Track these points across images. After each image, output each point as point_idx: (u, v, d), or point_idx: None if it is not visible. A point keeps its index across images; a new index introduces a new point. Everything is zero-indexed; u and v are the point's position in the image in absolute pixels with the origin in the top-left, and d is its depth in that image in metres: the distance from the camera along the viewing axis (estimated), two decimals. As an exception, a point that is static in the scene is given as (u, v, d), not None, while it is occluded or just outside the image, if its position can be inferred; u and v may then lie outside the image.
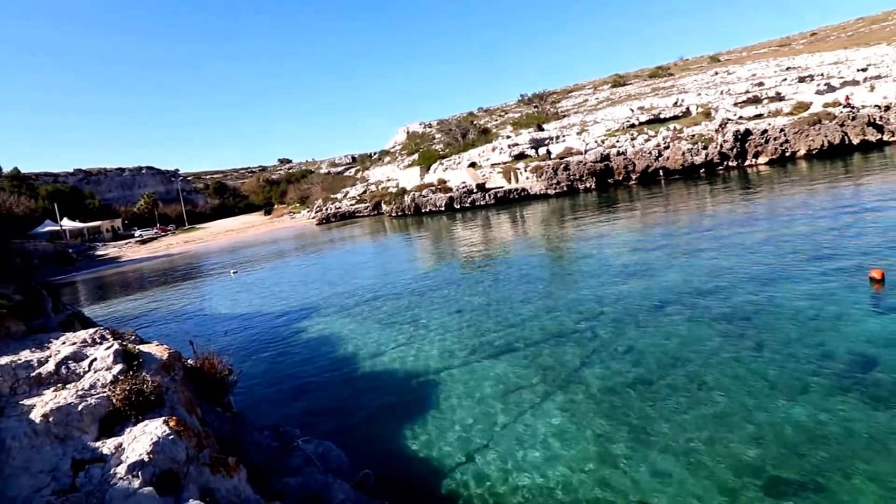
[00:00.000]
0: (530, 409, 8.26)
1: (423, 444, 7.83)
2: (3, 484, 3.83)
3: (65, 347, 5.30)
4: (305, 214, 73.64)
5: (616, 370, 9.08)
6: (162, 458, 4.01)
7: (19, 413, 4.35)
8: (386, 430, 8.44)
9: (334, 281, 23.05)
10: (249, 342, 14.92)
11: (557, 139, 52.16)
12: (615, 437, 7.10)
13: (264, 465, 5.70)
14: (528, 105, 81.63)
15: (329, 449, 6.34)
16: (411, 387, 10.07)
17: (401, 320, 14.58)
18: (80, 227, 79.00)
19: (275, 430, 6.60)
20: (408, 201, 49.94)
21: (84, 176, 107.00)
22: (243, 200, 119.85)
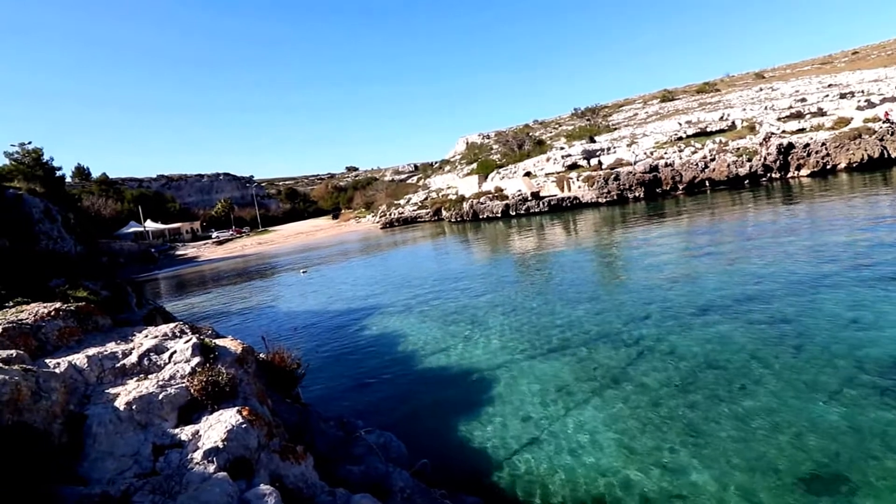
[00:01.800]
0: (580, 405, 8.55)
1: (478, 437, 8.11)
2: (89, 466, 4.14)
3: (147, 340, 5.67)
4: (370, 219, 76.86)
5: (662, 370, 9.35)
6: (235, 446, 4.20)
7: (105, 401, 4.69)
8: (443, 423, 8.72)
9: (396, 281, 23.71)
10: (316, 337, 15.49)
11: (608, 150, 54.03)
12: (661, 434, 7.26)
13: (329, 454, 5.87)
14: (581, 118, 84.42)
15: (390, 439, 6.50)
16: (467, 382, 10.41)
17: (458, 319, 15.03)
18: (162, 228, 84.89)
19: (339, 420, 6.79)
20: (466, 208, 52.13)
21: (166, 181, 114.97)
22: (313, 205, 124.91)
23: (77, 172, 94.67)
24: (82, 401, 4.61)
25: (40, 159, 41.61)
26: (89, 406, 4.53)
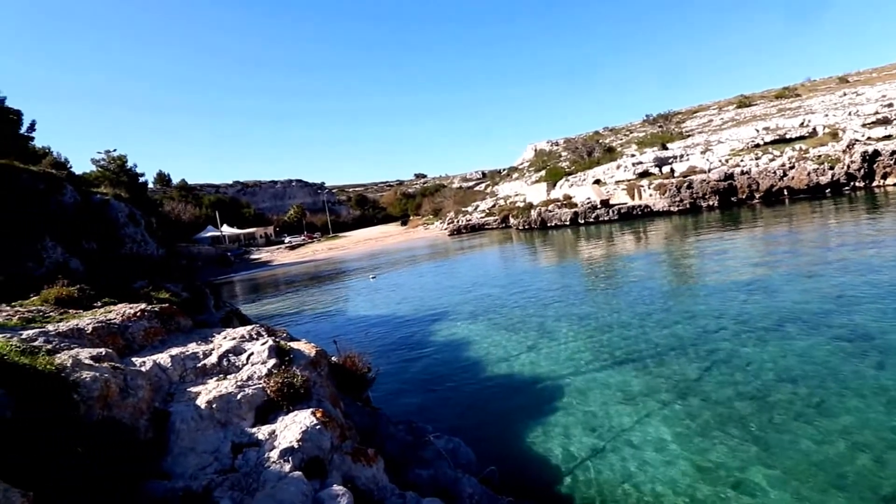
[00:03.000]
0: (650, 416, 8.48)
1: (544, 446, 8.08)
2: (172, 461, 4.37)
3: (226, 342, 5.94)
4: (438, 226, 78.12)
5: (735, 383, 9.12)
6: (309, 446, 4.30)
7: (187, 399, 4.94)
8: (509, 431, 8.71)
9: (464, 288, 23.81)
10: (385, 342, 15.79)
11: (681, 158, 53.03)
12: (733, 451, 7.07)
13: (398, 457, 5.92)
14: (653, 125, 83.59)
15: (458, 445, 6.49)
16: (535, 390, 10.40)
17: (526, 327, 15.01)
18: (238, 232, 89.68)
19: (408, 424, 6.85)
20: (534, 215, 52.08)
21: (242, 188, 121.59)
22: (382, 212, 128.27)
23: (158, 178, 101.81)
24: (166, 398, 4.88)
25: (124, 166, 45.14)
26: (173, 404, 4.79)
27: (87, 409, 4.11)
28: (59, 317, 5.91)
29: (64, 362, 4.31)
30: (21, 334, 4.75)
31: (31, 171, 13.36)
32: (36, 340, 4.66)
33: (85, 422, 4.06)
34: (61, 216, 12.67)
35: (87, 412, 4.11)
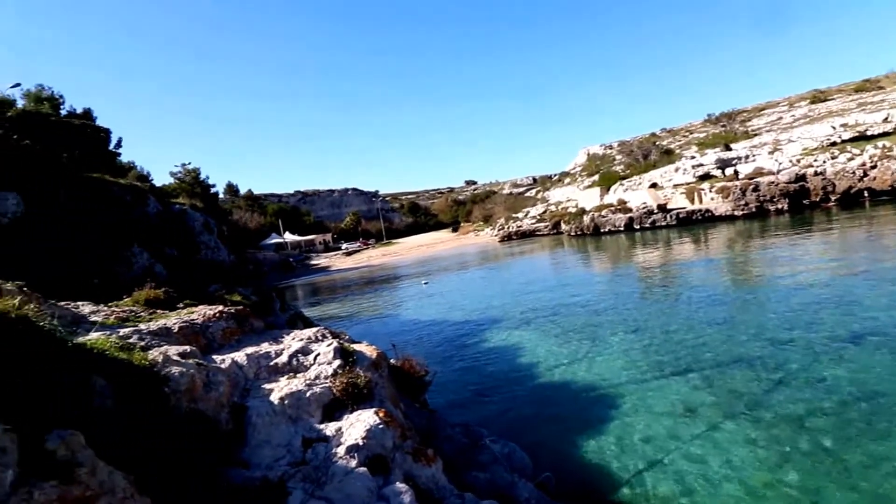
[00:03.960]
0: (710, 430, 8.17)
1: (601, 454, 7.95)
2: (249, 452, 4.63)
3: (295, 342, 6.23)
4: (489, 232, 77.87)
5: (805, 400, 8.60)
6: (373, 444, 4.47)
7: (261, 395, 5.22)
8: (564, 438, 8.62)
9: (515, 294, 23.70)
10: (438, 346, 15.97)
11: (746, 159, 49.93)
12: (801, 467, 6.77)
13: (455, 459, 6.02)
14: (715, 124, 79.00)
15: (514, 450, 6.52)
16: (588, 399, 10.23)
17: (579, 336, 14.74)
18: (299, 239, 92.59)
19: (465, 427, 6.94)
20: (587, 221, 50.76)
21: (302, 196, 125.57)
22: (433, 219, 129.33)
23: (228, 189, 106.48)
24: (243, 394, 5.17)
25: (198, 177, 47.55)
26: (249, 399, 5.07)
27: (176, 401, 4.42)
28: (149, 316, 6.35)
29: (156, 358, 4.66)
30: (118, 332, 5.15)
31: (119, 184, 14.38)
32: (131, 338, 5.05)
33: (174, 413, 4.38)
34: (146, 225, 13.55)
35: (176, 404, 4.42)
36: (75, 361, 4.05)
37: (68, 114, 18.80)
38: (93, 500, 3.10)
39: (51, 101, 18.29)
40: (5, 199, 8.08)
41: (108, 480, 3.24)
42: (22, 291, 5.06)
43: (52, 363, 3.83)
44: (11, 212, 8.08)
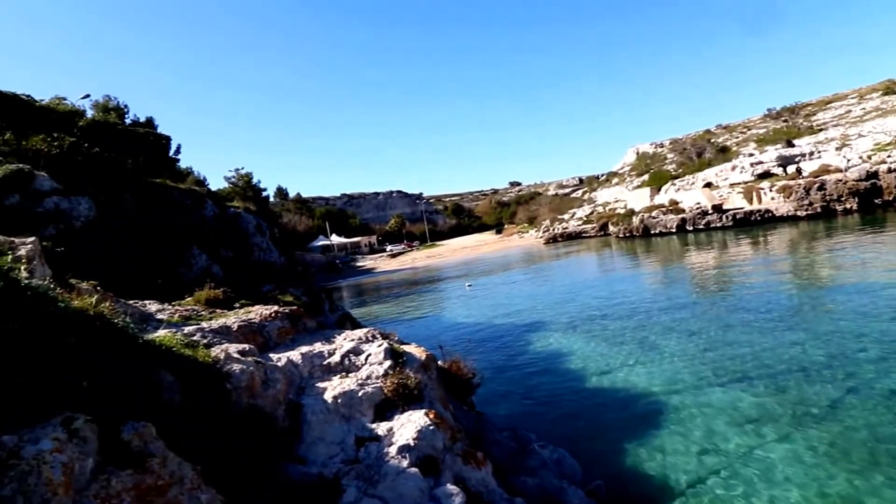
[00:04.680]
0: (769, 443, 7.82)
1: (653, 464, 7.72)
2: (305, 448, 4.76)
3: (346, 343, 6.37)
4: (533, 234, 77.23)
5: (878, 413, 8.04)
6: (424, 445, 4.52)
7: (315, 393, 5.36)
8: (614, 446, 8.41)
9: (561, 298, 23.39)
10: (483, 349, 15.94)
11: (811, 155, 47.33)
12: (872, 488, 6.30)
13: (504, 463, 6.01)
14: (776, 119, 75.35)
15: (563, 456, 6.45)
16: (640, 406, 9.97)
17: (628, 340, 14.42)
18: (345, 241, 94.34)
19: (513, 431, 6.91)
20: (636, 222, 49.45)
21: (348, 199, 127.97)
22: (477, 220, 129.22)
23: (277, 192, 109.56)
24: (298, 392, 5.33)
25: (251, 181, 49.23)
26: (304, 396, 5.23)
27: (237, 396, 4.61)
28: (209, 315, 6.62)
29: (218, 355, 4.86)
30: (183, 329, 5.40)
31: (179, 189, 15.06)
32: (195, 336, 5.28)
33: (235, 408, 4.56)
34: (204, 227, 14.13)
35: (237, 400, 4.61)
36: (146, 357, 4.28)
37: (132, 122, 19.87)
38: (164, 490, 3.27)
39: (117, 111, 19.36)
40: (78, 204, 8.61)
41: (178, 471, 3.42)
42: (96, 290, 5.38)
43: (125, 358, 4.07)
44: (84, 216, 8.59)
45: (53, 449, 2.83)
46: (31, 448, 2.79)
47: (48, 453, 2.80)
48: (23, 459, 2.73)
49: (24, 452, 2.76)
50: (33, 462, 2.73)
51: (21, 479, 2.65)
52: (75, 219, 8.45)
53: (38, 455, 2.77)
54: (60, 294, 3.74)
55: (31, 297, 3.23)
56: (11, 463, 2.70)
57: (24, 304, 3.12)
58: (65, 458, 2.85)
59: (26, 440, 2.86)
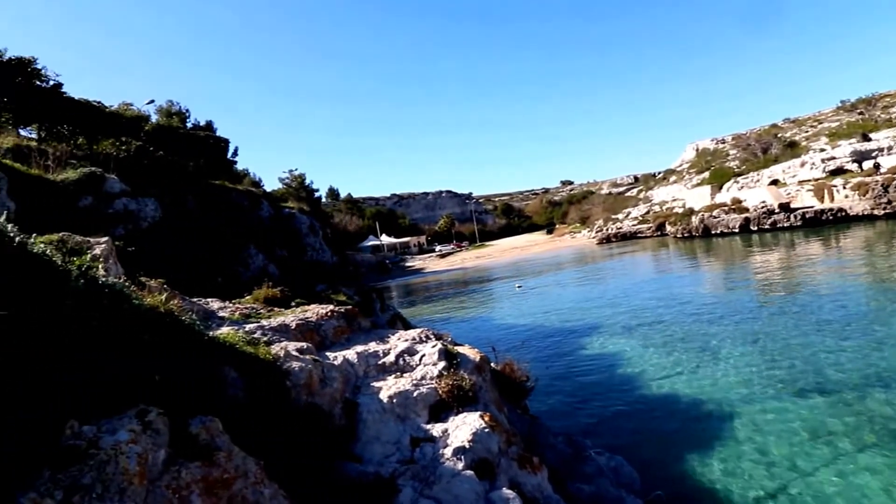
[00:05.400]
0: (843, 458, 7.39)
1: (714, 476, 7.44)
2: (361, 447, 4.84)
3: (400, 343, 6.43)
4: (586, 234, 75.77)
5: None
6: (479, 448, 4.51)
7: (371, 392, 5.43)
8: (672, 455, 8.14)
9: (615, 300, 22.81)
10: (534, 352, 15.77)
11: (890, 150, 44.03)
12: None
13: (559, 468, 5.91)
14: (850, 112, 70.23)
15: (621, 464, 6.30)
16: (699, 415, 9.62)
17: (687, 346, 13.93)
18: (394, 242, 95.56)
19: (567, 437, 6.81)
20: (695, 222, 47.70)
21: (398, 199, 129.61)
22: (527, 220, 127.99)
23: (329, 193, 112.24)
24: (354, 391, 5.43)
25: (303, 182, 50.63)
26: (359, 395, 5.31)
27: (296, 394, 4.73)
28: (268, 313, 6.84)
29: (277, 353, 5.01)
30: (244, 327, 5.60)
31: (237, 190, 15.65)
32: (255, 333, 5.47)
33: (294, 405, 4.68)
34: (260, 228, 14.62)
35: (296, 397, 4.73)
36: (210, 353, 4.46)
37: (193, 126, 20.83)
38: (230, 483, 3.40)
39: (179, 115, 20.34)
40: (145, 205, 9.08)
41: (243, 465, 3.54)
42: (163, 288, 5.65)
43: (191, 354, 4.25)
44: (150, 216, 9.06)
45: (129, 440, 2.99)
46: (108, 438, 2.96)
47: (124, 444, 2.96)
48: (101, 449, 2.90)
49: (102, 442, 2.93)
50: (111, 452, 2.89)
51: (100, 468, 2.81)
52: (142, 219, 8.92)
53: (116, 445, 2.93)
54: (134, 292, 3.95)
55: (108, 295, 3.42)
56: (91, 452, 2.87)
57: (102, 301, 3.31)
58: (139, 449, 3.00)
59: (104, 430, 3.03)
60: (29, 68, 11.66)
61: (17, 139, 9.93)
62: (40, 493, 2.60)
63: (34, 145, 9.29)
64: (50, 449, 2.79)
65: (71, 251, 4.04)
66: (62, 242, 4.30)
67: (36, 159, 8.22)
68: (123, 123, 13.46)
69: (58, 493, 2.65)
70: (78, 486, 2.72)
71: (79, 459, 2.80)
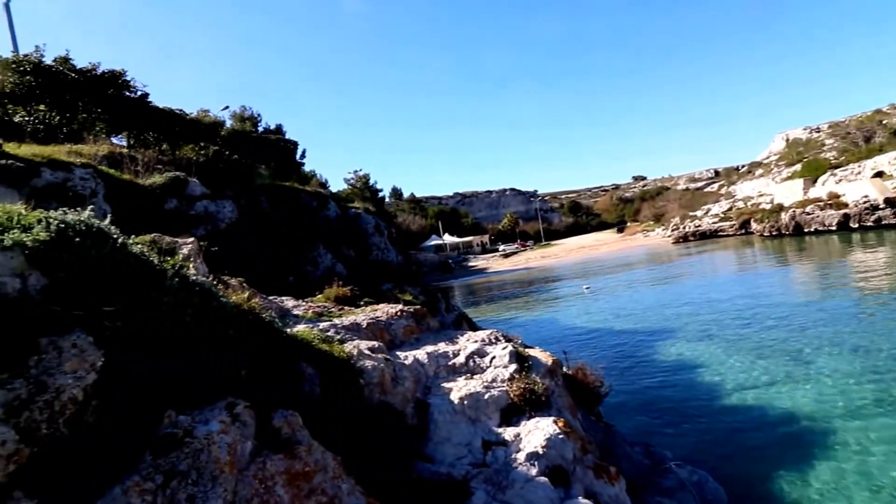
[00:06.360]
0: None
1: (812, 498, 7.02)
2: (432, 448, 4.94)
3: (470, 344, 6.50)
4: (660, 232, 73.21)
5: None
6: (553, 454, 4.49)
7: (441, 393, 5.53)
8: (762, 472, 7.74)
9: (693, 304, 21.84)
10: (605, 356, 15.40)
11: None
12: None
13: (636, 480, 5.77)
14: None
15: (705, 479, 6.07)
16: (793, 430, 9.10)
17: (776, 354, 13.17)
18: (457, 241, 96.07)
19: (645, 447, 6.65)
20: (785, 219, 44.86)
21: (460, 198, 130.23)
22: (595, 218, 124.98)
23: (392, 193, 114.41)
24: (425, 391, 5.54)
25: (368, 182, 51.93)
26: (430, 396, 5.42)
27: (369, 392, 4.90)
28: (339, 312, 7.10)
29: (351, 351, 5.20)
30: (318, 325, 5.84)
31: (306, 191, 16.27)
32: (329, 331, 5.69)
33: (367, 403, 4.85)
34: (327, 228, 15.14)
35: (369, 395, 4.90)
36: (289, 350, 4.70)
37: (264, 130, 21.87)
38: (310, 476, 3.58)
39: (251, 120, 21.44)
40: (223, 207, 9.65)
41: (322, 459, 3.71)
42: (243, 286, 5.99)
43: (271, 350, 4.50)
44: (228, 217, 9.62)
45: (220, 430, 3.22)
46: (202, 428, 3.20)
47: (216, 434, 3.19)
48: (195, 438, 3.14)
49: (196, 432, 3.17)
50: (204, 441, 3.13)
51: (195, 456, 3.05)
52: (220, 220, 9.48)
53: (208, 435, 3.16)
54: (220, 290, 4.23)
55: (198, 293, 3.68)
56: (186, 441, 3.11)
57: (193, 299, 3.57)
58: (229, 440, 3.23)
59: (197, 421, 3.28)
60: (119, 80, 12.79)
61: (111, 147, 10.87)
62: (143, 476, 2.85)
63: (125, 152, 10.15)
64: (151, 435, 3.06)
65: (162, 251, 4.37)
66: (154, 243, 4.66)
67: (127, 165, 8.98)
68: (202, 129, 14.36)
69: (158, 478, 2.89)
70: (175, 472, 2.96)
71: (176, 447, 3.04)
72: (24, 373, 2.51)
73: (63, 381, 2.65)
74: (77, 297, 2.84)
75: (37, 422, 2.53)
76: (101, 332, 2.89)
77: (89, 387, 2.79)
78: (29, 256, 2.71)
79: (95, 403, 2.86)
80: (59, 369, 2.65)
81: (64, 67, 12.23)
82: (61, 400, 2.63)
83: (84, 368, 2.77)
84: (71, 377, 2.69)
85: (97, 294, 2.94)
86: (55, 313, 2.72)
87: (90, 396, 2.80)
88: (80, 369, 2.75)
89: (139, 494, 2.77)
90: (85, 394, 2.76)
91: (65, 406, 2.65)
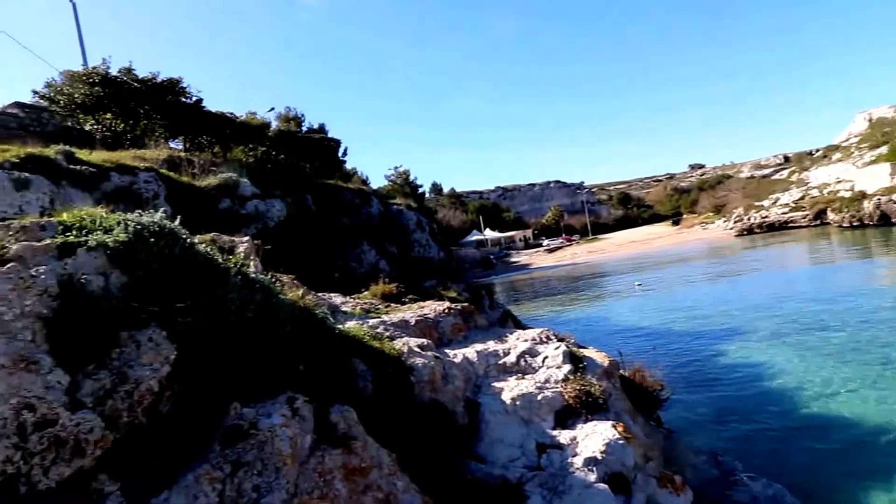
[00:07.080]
0: None
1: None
2: (484, 448, 5.05)
3: (520, 343, 6.57)
4: (720, 225, 69.90)
5: None
6: (612, 460, 4.52)
7: (492, 393, 5.63)
8: (848, 489, 7.31)
9: (761, 302, 20.90)
10: (664, 358, 15.02)
11: None
12: None
13: (703, 491, 5.71)
14: None
15: (781, 493, 5.93)
16: (882, 442, 8.57)
17: (861, 357, 12.47)
18: (499, 236, 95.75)
19: (713, 456, 6.56)
20: (869, 208, 42.18)
21: (502, 192, 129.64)
22: (647, 210, 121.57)
23: (433, 188, 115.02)
24: (475, 390, 5.65)
25: (408, 179, 52.48)
26: (480, 395, 5.53)
27: (420, 390, 5.04)
28: (385, 309, 7.29)
29: (401, 348, 5.35)
30: (368, 322, 6.03)
31: (349, 189, 16.64)
32: (378, 328, 5.87)
33: (418, 400, 4.99)
34: (370, 224, 15.45)
35: (420, 393, 5.04)
36: (341, 346, 4.88)
37: (308, 129, 22.46)
38: (366, 472, 3.74)
39: (295, 121, 22.09)
40: (273, 206, 10.04)
41: (377, 455, 3.87)
42: (294, 283, 6.23)
43: (325, 346, 4.70)
44: (277, 216, 10.00)
45: (282, 423, 3.41)
46: (265, 421, 3.40)
47: (278, 427, 3.38)
48: (260, 430, 3.34)
49: (260, 424, 3.37)
50: (268, 434, 3.32)
51: (260, 448, 3.25)
52: (270, 219, 9.86)
53: (271, 428, 3.35)
54: (278, 286, 4.44)
55: (259, 290, 3.89)
56: (251, 433, 3.31)
57: (255, 295, 3.78)
58: (291, 433, 3.41)
59: (261, 413, 3.48)
60: (176, 87, 13.79)
61: (170, 151, 11.69)
62: (213, 464, 3.07)
63: (182, 155, 10.86)
64: (218, 426, 3.28)
65: (221, 249, 4.62)
66: (213, 241, 4.92)
67: (184, 168, 9.65)
68: (250, 131, 14.99)
69: (226, 467, 3.11)
70: (242, 462, 3.17)
71: (242, 438, 3.25)
72: (108, 364, 2.74)
73: (141, 372, 2.88)
74: (152, 294, 3.08)
75: (119, 410, 2.77)
76: (174, 327, 3.12)
77: (164, 378, 3.02)
78: (110, 256, 2.95)
79: (169, 394, 3.09)
80: (138, 361, 2.88)
81: (127, 77, 13.36)
82: (140, 390, 2.86)
83: (159, 361, 3.00)
84: (148, 369, 2.92)
85: (170, 291, 3.16)
86: (133, 309, 2.95)
87: (164, 388, 3.03)
88: (155, 362, 2.98)
89: (210, 482, 2.99)
90: (160, 385, 2.99)
91: (143, 396, 2.88)
